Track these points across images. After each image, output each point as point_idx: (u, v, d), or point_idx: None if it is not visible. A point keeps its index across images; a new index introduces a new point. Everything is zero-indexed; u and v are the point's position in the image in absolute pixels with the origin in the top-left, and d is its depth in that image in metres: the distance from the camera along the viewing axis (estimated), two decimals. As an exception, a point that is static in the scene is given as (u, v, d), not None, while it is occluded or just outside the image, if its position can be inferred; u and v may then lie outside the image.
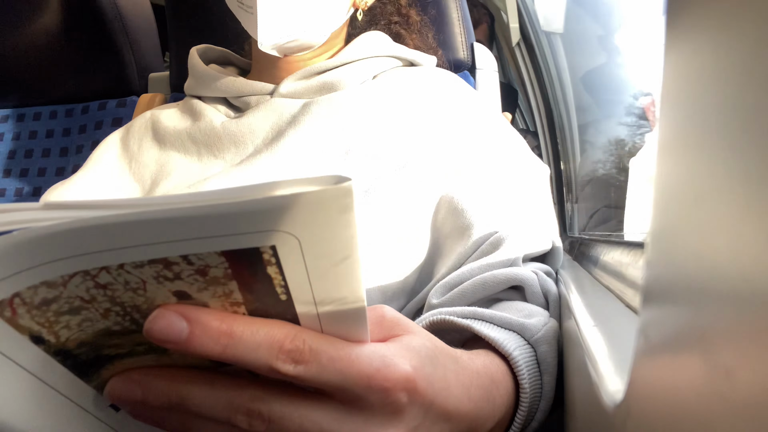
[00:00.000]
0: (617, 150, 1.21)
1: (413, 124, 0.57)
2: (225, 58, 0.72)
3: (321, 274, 0.21)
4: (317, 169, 0.55)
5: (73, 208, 0.18)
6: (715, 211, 0.13)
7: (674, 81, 0.16)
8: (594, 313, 0.38)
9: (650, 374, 0.18)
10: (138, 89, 1.03)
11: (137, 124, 0.67)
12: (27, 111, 1.04)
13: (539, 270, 0.50)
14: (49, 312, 0.21)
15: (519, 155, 0.57)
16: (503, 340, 0.40)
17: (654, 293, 0.18)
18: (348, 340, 0.24)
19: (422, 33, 0.74)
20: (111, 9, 0.99)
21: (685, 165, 0.15)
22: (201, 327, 0.22)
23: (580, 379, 0.33)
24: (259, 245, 0.20)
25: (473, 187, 0.52)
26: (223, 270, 0.21)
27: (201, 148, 0.61)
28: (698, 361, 0.14)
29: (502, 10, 1.85)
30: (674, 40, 0.16)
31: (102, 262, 0.19)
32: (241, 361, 0.23)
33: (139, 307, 0.22)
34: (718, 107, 0.13)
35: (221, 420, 0.24)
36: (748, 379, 0.11)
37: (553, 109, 1.57)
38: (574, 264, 0.79)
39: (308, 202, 0.18)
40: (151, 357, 0.24)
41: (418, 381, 0.25)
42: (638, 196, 0.86)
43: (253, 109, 0.61)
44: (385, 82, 0.59)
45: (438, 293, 0.48)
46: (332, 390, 0.24)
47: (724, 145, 0.13)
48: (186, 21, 0.91)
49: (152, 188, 0.60)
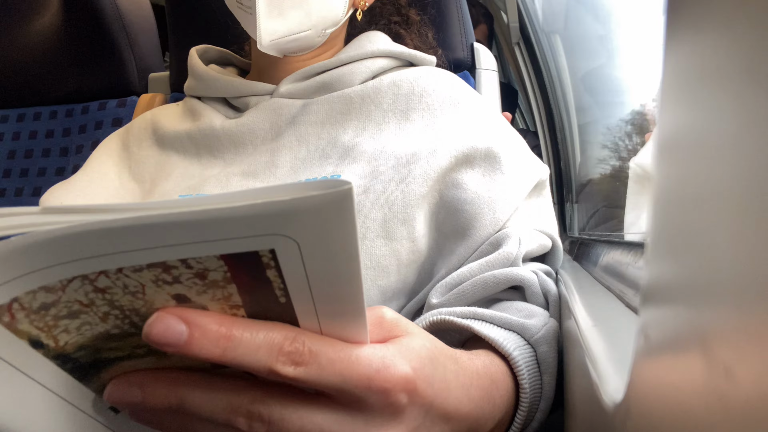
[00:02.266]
0: (617, 150, 1.21)
1: (413, 124, 0.57)
2: (225, 58, 0.72)
3: (320, 276, 0.21)
4: (316, 169, 0.55)
5: (71, 213, 0.18)
6: (714, 211, 0.13)
7: (674, 81, 0.16)
8: (594, 313, 0.38)
9: (650, 374, 0.18)
10: (138, 89, 1.02)
11: (137, 125, 0.67)
12: (27, 111, 1.04)
13: (539, 270, 0.50)
14: (48, 316, 0.21)
15: (519, 155, 0.57)
16: (503, 340, 0.40)
17: (654, 293, 0.18)
18: (347, 341, 0.24)
19: (422, 33, 0.74)
20: (111, 9, 0.99)
21: (685, 165, 0.15)
22: (200, 330, 0.22)
23: (580, 379, 0.33)
24: (258, 249, 0.20)
25: (473, 187, 0.52)
26: (223, 273, 0.21)
27: (200, 148, 0.61)
28: (698, 361, 0.14)
29: (502, 10, 1.85)
30: (674, 40, 0.16)
31: (101, 266, 0.19)
32: (240, 364, 0.22)
33: (138, 310, 0.22)
34: (718, 107, 0.13)
35: (221, 422, 0.24)
36: (748, 379, 0.11)
37: (553, 109, 1.57)
38: (574, 264, 0.79)
39: (308, 207, 0.18)
40: (150, 359, 0.24)
41: (418, 382, 0.25)
42: (638, 196, 0.86)
43: (252, 109, 0.61)
44: (384, 82, 0.59)
45: (438, 293, 0.48)
46: (332, 391, 0.24)
47: (723, 145, 0.13)
48: (186, 21, 0.91)
49: (152, 188, 0.60)
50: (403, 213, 0.51)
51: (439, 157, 0.52)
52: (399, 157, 0.53)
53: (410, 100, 0.57)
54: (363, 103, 0.58)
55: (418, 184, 0.51)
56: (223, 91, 0.63)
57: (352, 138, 0.56)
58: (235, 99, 0.64)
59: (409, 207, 0.51)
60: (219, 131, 0.60)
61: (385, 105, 0.58)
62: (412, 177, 0.51)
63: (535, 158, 0.60)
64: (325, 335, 0.24)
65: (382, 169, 0.53)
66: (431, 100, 0.57)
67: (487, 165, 0.53)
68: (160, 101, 0.96)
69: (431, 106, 0.57)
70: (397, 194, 0.51)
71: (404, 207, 0.51)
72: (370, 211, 0.51)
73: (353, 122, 0.57)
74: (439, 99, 0.57)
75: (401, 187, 0.51)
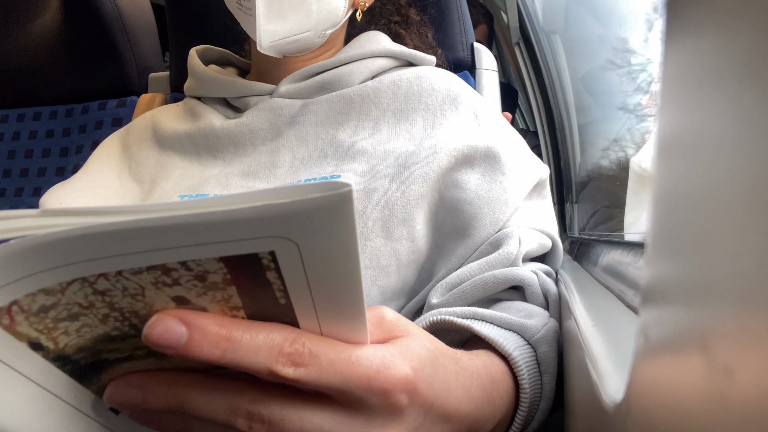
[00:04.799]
0: (617, 149, 1.21)
1: (412, 124, 0.56)
2: (224, 58, 0.72)
3: (320, 278, 0.21)
4: (316, 169, 0.55)
5: (70, 215, 0.18)
6: (714, 211, 0.13)
7: (674, 81, 0.16)
8: (594, 313, 0.38)
9: (650, 374, 0.18)
10: (138, 89, 1.03)
11: (137, 125, 0.67)
12: (27, 111, 1.04)
13: (539, 270, 0.50)
14: (48, 319, 0.21)
15: (519, 155, 0.57)
16: (503, 341, 0.40)
17: (654, 293, 0.18)
18: (348, 342, 0.24)
19: (421, 32, 0.74)
20: (111, 9, 0.99)
21: (685, 165, 0.15)
22: (200, 332, 0.22)
23: (580, 379, 0.33)
24: (258, 251, 0.20)
25: (473, 187, 0.52)
26: (222, 275, 0.21)
27: (200, 149, 0.61)
28: (698, 361, 0.14)
29: (502, 10, 1.85)
30: (674, 40, 0.16)
31: (100, 269, 0.19)
32: (240, 365, 0.22)
33: (137, 312, 0.22)
34: (718, 107, 0.13)
35: (221, 423, 0.24)
36: (748, 379, 0.11)
37: (553, 109, 1.57)
38: (574, 264, 0.79)
39: (308, 209, 0.18)
40: (150, 361, 0.24)
41: (418, 382, 0.25)
42: (638, 196, 0.86)
43: (252, 109, 0.61)
44: (384, 82, 0.59)
45: (438, 293, 0.48)
46: (332, 392, 0.24)
47: (723, 145, 0.13)
48: (186, 21, 0.91)
49: (152, 189, 0.60)
50: (403, 213, 0.51)
51: (438, 157, 0.52)
52: (399, 156, 0.53)
53: (410, 99, 0.57)
54: (363, 103, 0.58)
55: (418, 184, 0.51)
56: (223, 91, 0.64)
57: (352, 138, 0.56)
58: (234, 99, 0.64)
59: (409, 207, 0.51)
60: (219, 131, 0.60)
61: (384, 105, 0.58)
62: (412, 177, 0.51)
63: (535, 158, 0.60)
64: (325, 336, 0.24)
65: (381, 169, 0.53)
66: (431, 99, 0.57)
67: (487, 165, 0.53)
68: (160, 101, 0.96)
69: (431, 105, 0.57)
70: (396, 194, 0.51)
71: (404, 207, 0.51)
72: (370, 211, 0.51)
73: (353, 122, 0.57)
74: (438, 99, 0.57)
75: (401, 187, 0.51)
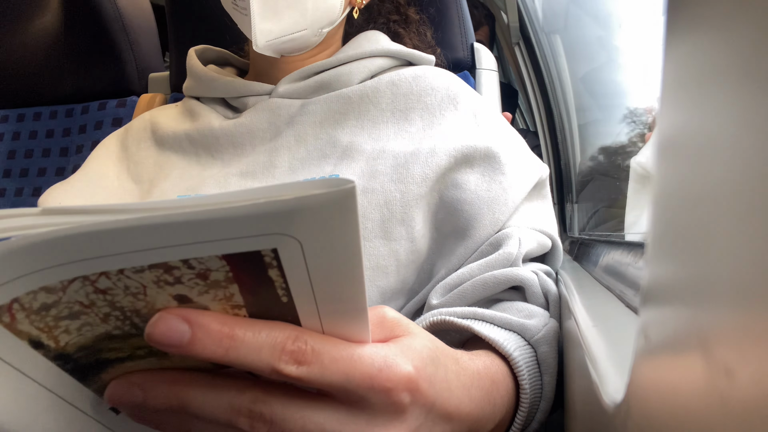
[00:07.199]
0: (617, 149, 1.21)
1: (412, 124, 0.56)
2: (223, 58, 0.72)
3: (323, 275, 0.21)
4: (315, 169, 0.55)
5: (71, 214, 0.18)
6: (715, 211, 0.13)
7: (674, 81, 0.16)
8: (594, 313, 0.38)
9: (650, 374, 0.18)
10: (138, 89, 1.03)
11: (136, 125, 0.67)
12: (27, 111, 1.04)
13: (539, 270, 0.50)
14: (49, 317, 0.21)
15: (519, 155, 0.57)
16: (503, 341, 0.40)
17: (654, 293, 0.18)
18: (349, 340, 0.24)
19: (420, 32, 0.74)
20: (111, 9, 0.99)
21: (685, 165, 0.15)
22: (203, 330, 0.22)
23: (580, 379, 0.33)
24: (260, 249, 0.20)
25: (473, 187, 0.52)
26: (224, 273, 0.21)
27: (199, 149, 0.61)
28: (698, 361, 0.14)
29: (502, 10, 1.84)
30: (674, 40, 0.16)
31: (102, 267, 0.19)
32: (243, 364, 0.22)
33: (139, 311, 0.22)
34: (718, 107, 0.13)
35: (223, 422, 0.24)
36: (748, 379, 0.11)
37: (553, 109, 1.57)
38: (574, 264, 0.79)
39: (311, 206, 0.18)
40: (151, 360, 0.24)
41: (420, 381, 0.25)
42: (638, 196, 0.86)
43: (251, 109, 0.61)
44: (383, 82, 0.59)
45: (438, 294, 0.48)
46: (335, 391, 0.24)
47: (723, 145, 0.13)
48: (186, 21, 0.91)
49: (150, 189, 0.60)
50: (402, 213, 0.51)
51: (438, 157, 0.52)
52: (398, 156, 0.53)
53: (409, 99, 0.57)
54: (361, 103, 0.58)
55: (417, 184, 0.51)
56: (222, 91, 0.63)
57: (351, 138, 0.56)
58: (233, 99, 0.64)
59: (408, 207, 0.51)
60: (217, 131, 0.60)
61: (383, 104, 0.58)
62: (411, 177, 0.51)
63: (535, 158, 0.60)
64: (327, 334, 0.24)
65: (380, 168, 0.53)
66: (430, 99, 0.57)
67: (487, 165, 0.53)
68: (160, 101, 0.96)
69: (430, 105, 0.57)
70: (395, 194, 0.51)
71: (403, 207, 0.51)
72: (369, 211, 0.51)
73: (352, 122, 0.57)
74: (438, 98, 0.57)
75: (400, 187, 0.51)
